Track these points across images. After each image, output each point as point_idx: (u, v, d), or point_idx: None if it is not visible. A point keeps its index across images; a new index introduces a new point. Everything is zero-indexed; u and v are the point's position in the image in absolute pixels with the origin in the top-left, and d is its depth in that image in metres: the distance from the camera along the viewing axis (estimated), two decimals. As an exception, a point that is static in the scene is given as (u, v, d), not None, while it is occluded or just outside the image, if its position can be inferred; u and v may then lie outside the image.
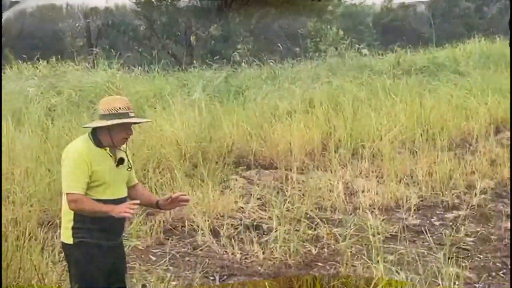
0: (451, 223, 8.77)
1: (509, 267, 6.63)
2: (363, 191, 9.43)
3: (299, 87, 14.90)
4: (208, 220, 8.23)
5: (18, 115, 11.86)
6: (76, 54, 18.25)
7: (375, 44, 25.63)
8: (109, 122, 5.12)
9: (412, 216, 8.95)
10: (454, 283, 6.13)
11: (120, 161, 5.25)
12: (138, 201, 5.18)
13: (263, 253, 7.61)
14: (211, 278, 7.03)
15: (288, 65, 18.97)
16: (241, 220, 8.43)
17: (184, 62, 19.68)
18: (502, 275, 7.31)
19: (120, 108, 5.17)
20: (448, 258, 6.99)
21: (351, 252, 7.67)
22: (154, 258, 7.52)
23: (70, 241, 5.16)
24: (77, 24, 27.07)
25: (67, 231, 5.16)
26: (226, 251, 7.66)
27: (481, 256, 7.79)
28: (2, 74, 15.77)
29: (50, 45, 24.53)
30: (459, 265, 6.99)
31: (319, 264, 7.53)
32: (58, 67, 16.46)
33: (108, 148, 5.18)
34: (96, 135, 5.16)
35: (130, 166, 5.32)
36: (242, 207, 8.83)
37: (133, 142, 10.14)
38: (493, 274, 7.32)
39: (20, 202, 8.16)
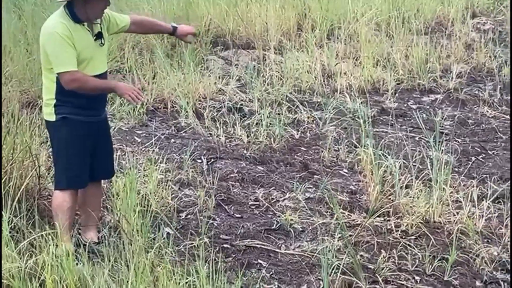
0: (428, 107, 8.90)
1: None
2: (340, 73, 9.46)
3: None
4: (190, 102, 8.25)
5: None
6: None
7: None
8: None
9: (390, 99, 9.05)
10: (443, 168, 6.27)
11: (98, 36, 5.18)
12: (143, 99, 5.21)
13: (248, 136, 7.69)
14: (199, 161, 7.11)
15: None
16: (223, 102, 8.45)
17: None
18: (481, 160, 7.50)
19: None
20: (427, 142, 7.16)
21: (333, 136, 7.79)
22: (139, 140, 7.56)
23: (52, 118, 5.18)
24: None
25: (49, 108, 5.18)
26: (210, 134, 7.72)
27: (459, 140, 7.97)
28: None
29: None
30: (440, 150, 7.11)
31: (302, 148, 7.64)
32: None
33: (85, 23, 5.10)
34: (72, 10, 5.03)
35: (102, 43, 5.21)
36: (223, 89, 8.84)
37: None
38: (473, 158, 7.51)
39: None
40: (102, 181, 5.80)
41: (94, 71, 5.16)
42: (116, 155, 6.86)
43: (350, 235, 5.77)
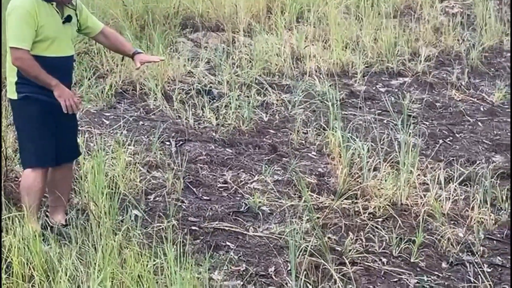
0: (396, 90, 8.95)
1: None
2: (309, 56, 9.47)
3: None
4: (159, 84, 8.21)
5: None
6: None
7: None
8: None
9: (359, 82, 9.08)
10: (411, 151, 6.31)
11: (67, 19, 5.15)
12: (76, 111, 5.17)
13: (216, 119, 7.68)
14: (167, 143, 7.10)
15: None
16: (192, 84, 8.42)
17: None
18: (449, 142, 7.57)
19: None
20: (395, 125, 7.20)
21: (302, 119, 7.80)
22: (107, 122, 7.52)
23: (14, 96, 5.14)
24: None
25: (11, 86, 5.14)
26: (179, 116, 7.69)
27: (427, 123, 8.02)
28: None
29: None
30: (408, 133, 7.15)
31: (271, 131, 7.64)
32: None
33: (54, 4, 5.07)
34: None
35: (78, 27, 5.23)
36: (192, 71, 8.81)
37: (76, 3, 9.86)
38: (440, 141, 7.57)
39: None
40: (70, 163, 5.76)
41: (59, 52, 5.13)
42: (84, 137, 6.84)
43: (318, 218, 5.79)
